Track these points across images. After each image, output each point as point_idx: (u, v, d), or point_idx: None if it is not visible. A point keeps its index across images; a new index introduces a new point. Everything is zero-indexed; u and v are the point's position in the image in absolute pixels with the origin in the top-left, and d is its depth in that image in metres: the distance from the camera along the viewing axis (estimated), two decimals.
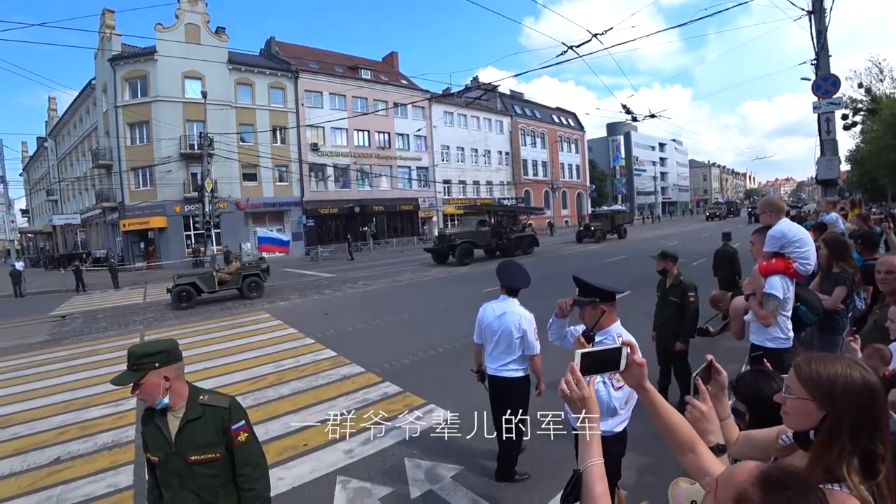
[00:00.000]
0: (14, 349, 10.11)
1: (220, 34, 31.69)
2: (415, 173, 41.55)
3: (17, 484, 4.23)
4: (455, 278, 16.82)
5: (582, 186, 60.71)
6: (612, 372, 1.42)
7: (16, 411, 6.14)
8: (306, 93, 34.94)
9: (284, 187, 34.18)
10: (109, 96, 30.49)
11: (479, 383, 3.98)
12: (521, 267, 3.78)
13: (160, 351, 1.88)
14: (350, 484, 3.78)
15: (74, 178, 40.46)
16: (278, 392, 5.97)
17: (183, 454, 1.87)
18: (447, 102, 41.66)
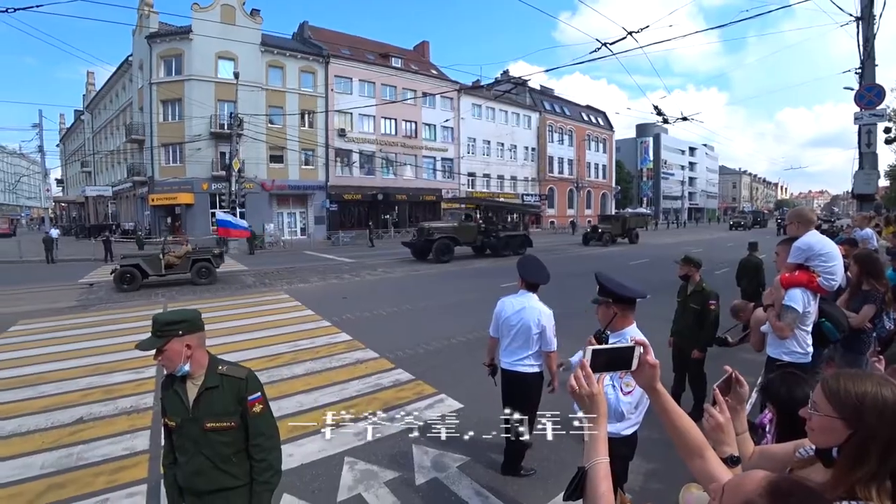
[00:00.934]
0: (44, 312, 10.50)
1: (255, 16, 31.98)
2: (439, 164, 41.53)
3: (41, 440, 4.43)
4: (473, 271, 16.79)
5: (607, 187, 59.97)
6: (623, 371, 1.41)
7: (44, 371, 6.42)
8: (336, 78, 35.12)
9: (310, 171, 34.55)
10: (145, 73, 31.19)
11: (489, 377, 3.99)
12: (541, 263, 3.76)
13: (184, 320, 1.93)
14: (357, 465, 3.85)
15: (108, 152, 41.63)
16: (293, 371, 6.07)
17: (199, 420, 1.94)
18: (476, 94, 41.49)
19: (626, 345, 1.31)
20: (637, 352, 1.29)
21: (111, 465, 3.98)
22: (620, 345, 1.35)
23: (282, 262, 20.16)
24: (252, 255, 23.47)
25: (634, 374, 1.33)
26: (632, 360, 1.29)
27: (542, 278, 3.67)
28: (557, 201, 52.26)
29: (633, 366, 1.30)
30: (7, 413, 5.04)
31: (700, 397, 4.69)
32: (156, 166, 30.84)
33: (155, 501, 3.44)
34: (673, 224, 59.96)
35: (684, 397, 4.78)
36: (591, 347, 1.27)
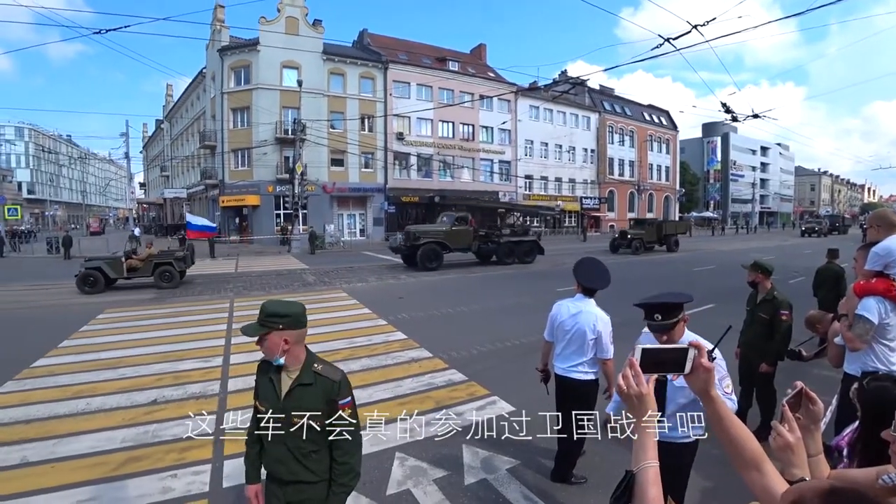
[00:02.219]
0: (126, 303, 11.50)
1: (317, 26, 33.27)
2: (496, 166, 41.40)
3: (121, 417, 4.86)
4: (529, 274, 16.61)
5: (670, 189, 57.44)
6: (674, 373, 1.33)
7: (124, 356, 6.98)
8: (394, 83, 35.87)
9: (369, 174, 35.48)
10: (217, 84, 33.20)
11: (540, 382, 3.91)
12: (601, 266, 3.61)
13: (287, 315, 1.96)
14: (407, 462, 3.89)
15: (184, 157, 44.72)
16: (349, 367, 6.18)
17: (287, 412, 1.99)
18: (533, 96, 41.09)
19: (680, 346, 1.25)
20: (691, 354, 1.22)
21: (180, 444, 4.24)
22: (672, 346, 1.31)
23: (341, 261, 20.75)
24: (313, 255, 24.30)
25: (688, 377, 1.26)
26: (685, 363, 1.23)
27: (599, 283, 3.52)
28: (617, 204, 50.70)
29: (687, 369, 1.23)
30: (93, 392, 5.55)
31: (768, 415, 4.38)
32: (226, 170, 32.83)
33: (217, 480, 3.64)
34: (742, 229, 56.38)
35: (751, 414, 4.50)
36: (640, 346, 1.22)
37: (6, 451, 4.17)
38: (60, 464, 3.94)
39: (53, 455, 4.08)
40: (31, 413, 4.99)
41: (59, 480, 3.66)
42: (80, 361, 6.79)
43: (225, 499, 3.45)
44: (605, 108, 49.77)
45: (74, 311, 10.44)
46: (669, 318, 2.34)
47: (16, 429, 4.64)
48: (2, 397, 5.48)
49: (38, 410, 5.05)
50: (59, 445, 4.26)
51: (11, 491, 3.52)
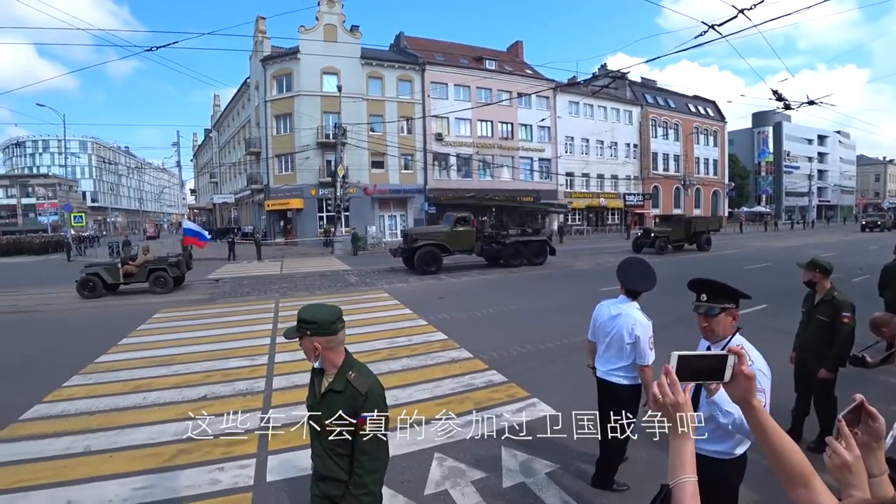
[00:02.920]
0: (179, 303, 12.14)
1: (354, 32, 33.89)
2: (537, 164, 40.97)
3: (174, 411, 5.10)
4: (572, 274, 16.34)
5: (719, 184, 55.14)
6: (713, 381, 1.26)
7: (177, 353, 7.36)
8: (432, 84, 36.09)
9: (409, 175, 35.89)
10: (260, 92, 34.44)
11: (590, 384, 3.82)
12: (644, 267, 3.47)
13: (313, 322, 2.00)
14: (446, 462, 3.90)
15: (231, 164, 46.52)
16: (389, 367, 6.28)
17: (322, 413, 2.05)
18: (573, 92, 40.39)
19: (718, 353, 1.18)
20: (731, 361, 1.15)
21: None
22: (711, 352, 1.21)
23: (382, 262, 20.93)
24: (355, 256, 24.73)
25: (728, 386, 1.19)
26: (724, 370, 1.16)
27: (642, 284, 3.39)
28: (662, 200, 49.11)
29: (726, 377, 1.16)
30: (149, 386, 5.88)
31: (826, 425, 4.10)
32: (270, 175, 33.92)
33: (261, 474, 3.77)
34: (798, 224, 53.35)
35: (808, 423, 4.25)
36: (676, 353, 1.16)
37: (72, 440, 4.50)
38: (119, 453, 4.20)
39: (114, 445, 4.36)
40: (94, 405, 5.34)
41: (119, 469, 3.89)
42: (137, 358, 7.19)
43: (268, 492, 3.56)
44: (647, 101, 48.36)
45: (133, 311, 11.08)
46: (715, 301, 2.23)
47: (81, 419, 4.98)
48: (69, 390, 5.90)
49: (101, 403, 5.41)
50: (118, 436, 4.55)
51: (77, 476, 3.79)
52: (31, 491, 3.62)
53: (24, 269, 22.60)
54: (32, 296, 14.39)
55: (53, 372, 6.52)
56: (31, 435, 4.68)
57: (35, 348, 8.17)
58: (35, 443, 4.50)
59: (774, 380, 2.05)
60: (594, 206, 44.50)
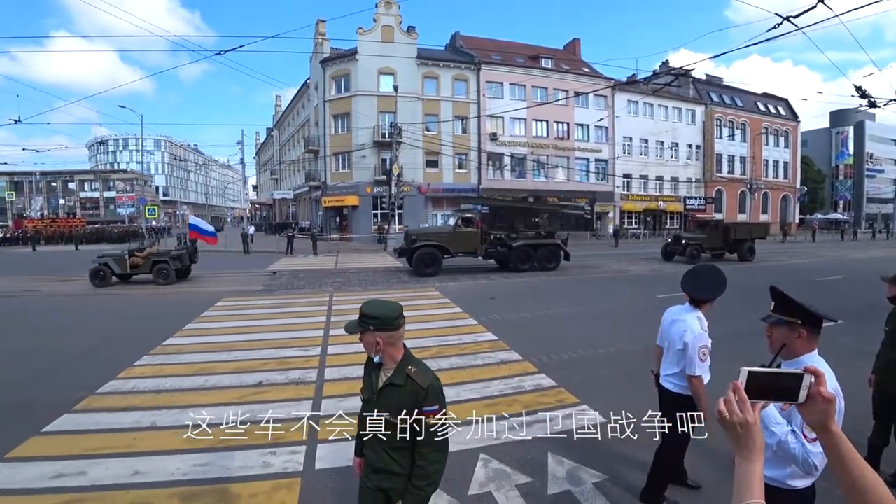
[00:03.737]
0: (239, 293, 12.77)
1: (411, 33, 34.42)
2: (593, 165, 40.08)
3: (233, 395, 5.40)
4: (627, 280, 15.81)
5: (789, 188, 51.66)
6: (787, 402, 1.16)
7: (236, 340, 7.74)
8: (487, 84, 36.03)
9: (463, 174, 36.08)
10: (320, 92, 35.62)
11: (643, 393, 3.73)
12: (711, 274, 3.29)
13: (376, 317, 2.05)
14: (491, 464, 3.86)
15: (290, 161, 48.43)
16: (438, 364, 6.27)
17: (379, 406, 2.11)
18: (632, 90, 39.16)
19: (793, 371, 1.09)
20: (807, 381, 1.06)
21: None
22: (785, 370, 1.12)
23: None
24: None
25: (802, 408, 1.09)
26: (798, 391, 1.06)
27: (700, 292, 3.23)
28: (726, 205, 46.68)
29: (801, 398, 1.07)
30: (209, 370, 6.21)
31: None
32: (328, 173, 35.06)
33: (311, 461, 3.89)
34: (881, 233, 48.75)
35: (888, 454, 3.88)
36: (746, 369, 1.07)
37: (141, 415, 4.85)
38: (184, 430, 4.43)
39: (178, 422, 4.61)
40: (160, 384, 5.72)
41: (181, 445, 4.12)
42: (200, 343, 7.63)
43: (316, 479, 3.67)
44: (711, 100, 46.09)
45: (197, 298, 11.75)
46: (781, 313, 2.10)
47: (149, 397, 5.35)
48: (139, 369, 6.36)
49: (167, 383, 5.78)
50: (182, 414, 4.80)
51: (144, 449, 4.08)
52: (106, 458, 3.93)
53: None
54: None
55: (127, 351, 7.03)
56: (106, 407, 5.09)
57: (112, 329, 8.86)
58: (109, 415, 4.89)
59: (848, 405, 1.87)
60: (652, 209, 42.90)
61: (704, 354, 3.14)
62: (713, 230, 22.16)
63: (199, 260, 16.53)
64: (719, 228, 22.41)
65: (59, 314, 10.71)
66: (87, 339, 8.02)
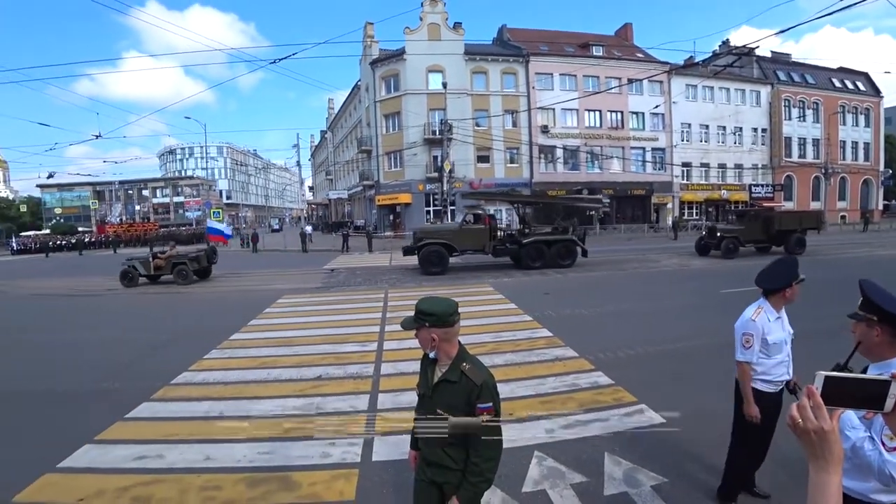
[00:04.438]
0: (299, 290, 13.28)
1: (457, 29, 34.46)
2: (649, 155, 38.60)
3: (293, 388, 5.62)
4: (688, 274, 15.06)
5: (871, 171, 47.34)
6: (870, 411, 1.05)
7: (297, 336, 8.07)
8: (537, 75, 35.47)
9: (514, 168, 35.81)
10: (370, 94, 36.35)
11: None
12: (778, 263, 3.16)
13: (432, 314, 2.08)
14: (546, 462, 3.80)
15: (344, 162, 49.72)
16: (493, 361, 6.23)
17: (434, 402, 2.13)
18: (689, 74, 37.38)
19: (878, 377, 0.99)
20: (894, 388, 0.97)
21: (339, 417, 4.74)
22: (867, 376, 1.03)
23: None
24: None
25: (889, 418, 1.01)
26: (884, 399, 0.97)
27: (766, 281, 3.10)
28: (797, 192, 43.57)
29: (887, 407, 0.97)
30: (272, 364, 6.51)
31: None
32: (381, 172, 35.73)
33: (368, 453, 3.98)
34: None
35: None
36: (823, 373, 0.98)
37: (210, 405, 5.17)
38: (249, 420, 4.71)
39: (244, 412, 4.91)
40: (228, 377, 6.07)
41: (247, 434, 4.36)
42: (263, 338, 8.01)
43: (373, 470, 3.75)
44: (778, 79, 43.01)
45: (258, 296, 12.29)
46: (865, 310, 1.94)
47: (217, 388, 5.69)
48: (209, 362, 6.78)
49: (233, 375, 6.12)
50: (248, 405, 5.12)
51: (214, 436, 4.34)
52: (180, 444, 4.23)
53: None
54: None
55: (197, 345, 7.51)
56: (180, 397, 5.48)
57: (185, 323, 9.56)
58: (183, 404, 5.26)
59: None
60: (714, 199, 40.66)
61: (748, 342, 3.04)
62: (752, 221, 19.62)
63: (217, 261, 17.41)
64: (760, 218, 19.74)
65: (135, 310, 11.67)
66: (161, 334, 8.66)
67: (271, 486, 3.58)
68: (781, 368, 3.09)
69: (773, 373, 3.08)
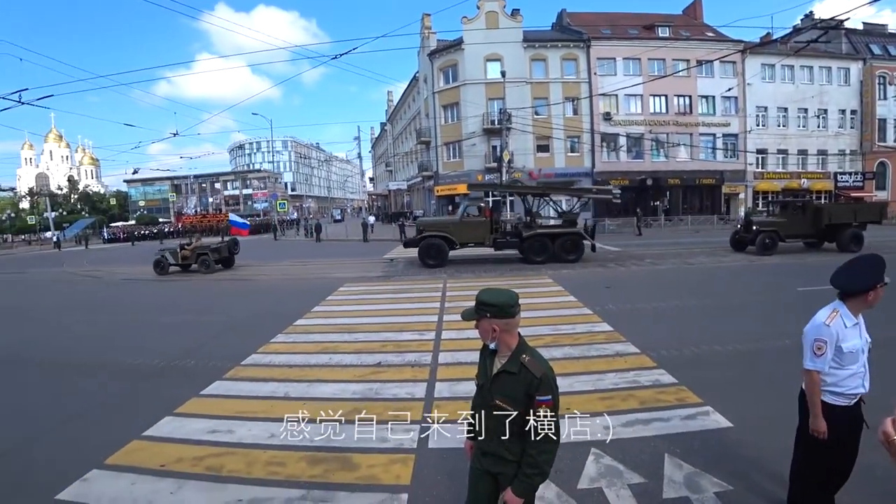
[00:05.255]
0: (360, 279, 13.77)
1: (515, 16, 33.85)
2: (720, 142, 36.33)
3: (353, 373, 5.84)
4: (763, 269, 13.99)
5: None
6: None
7: (358, 323, 8.39)
8: (598, 60, 34.25)
9: (575, 158, 34.90)
10: (429, 85, 36.60)
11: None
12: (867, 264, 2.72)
13: (493, 305, 2.08)
14: (603, 459, 3.71)
15: (403, 153, 50.47)
16: (551, 354, 6.06)
17: (492, 392, 2.15)
18: (766, 52, 34.67)
19: None
20: None
21: (397, 403, 4.88)
22: None
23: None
24: None
25: None
26: None
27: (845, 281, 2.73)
28: (892, 181, 39.38)
29: None
30: (335, 349, 6.80)
31: None
32: (439, 162, 36.02)
33: (424, 440, 4.04)
34: None
35: None
36: None
37: (276, 386, 5.50)
38: (311, 402, 4.94)
39: (306, 395, 5.17)
40: (292, 360, 6.40)
41: (310, 414, 4.52)
42: (325, 324, 8.37)
43: (429, 457, 3.81)
44: (872, 53, 38.82)
45: (322, 283, 12.81)
46: None
47: (282, 370, 6.03)
48: (275, 345, 7.18)
49: (297, 359, 6.45)
50: (310, 388, 5.38)
51: (278, 415, 4.51)
52: (248, 421, 4.52)
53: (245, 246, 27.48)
54: (253, 266, 18.12)
55: (265, 329, 7.98)
56: (249, 377, 5.87)
57: (254, 308, 10.23)
58: (251, 384, 5.63)
59: None
60: (793, 188, 37.38)
61: (820, 349, 2.69)
62: (795, 212, 17.20)
63: (239, 251, 18.97)
64: (804, 209, 17.21)
65: (207, 295, 12.70)
66: (232, 317, 9.38)
67: (331, 466, 3.73)
68: (855, 380, 2.73)
69: (845, 384, 2.73)
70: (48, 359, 7.21)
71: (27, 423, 4.89)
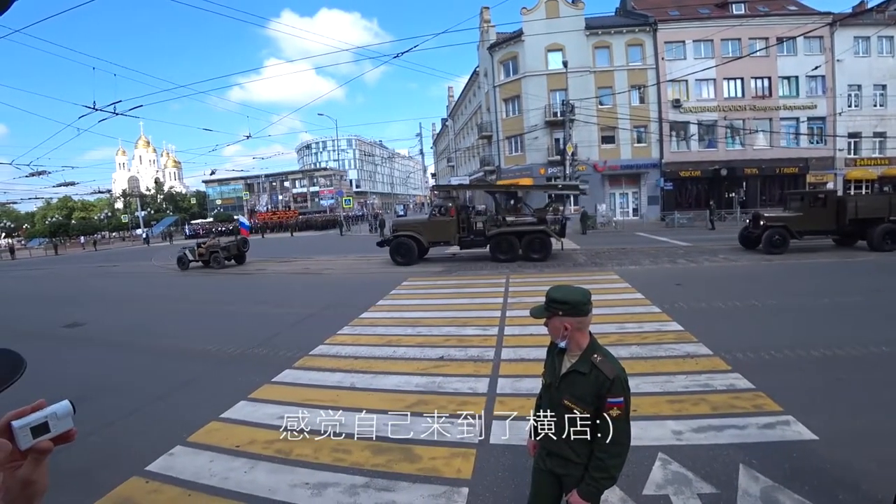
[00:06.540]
0: (423, 274, 14.00)
1: (577, 3, 32.65)
2: (804, 126, 33.26)
3: (416, 366, 5.94)
4: (855, 267, 12.62)
5: None
6: None
7: (421, 317, 8.56)
8: (666, 45, 32.41)
9: (642, 148, 33.34)
10: (489, 79, 36.23)
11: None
12: None
13: (566, 302, 2.03)
14: (671, 465, 3.55)
15: (465, 148, 50.57)
16: (617, 353, 5.78)
17: (560, 392, 2.12)
18: (860, 23, 31.26)
19: None
20: None
21: (459, 397, 4.92)
22: None
23: (613, 242, 20.05)
24: (584, 235, 24.27)
25: None
26: None
27: None
28: None
29: None
30: (398, 342, 6.97)
31: None
32: (501, 157, 35.76)
33: (487, 434, 4.04)
34: None
35: None
36: None
37: (342, 377, 5.73)
38: (375, 393, 5.11)
39: (371, 386, 5.34)
40: (357, 352, 6.63)
41: (374, 405, 4.70)
42: (390, 317, 8.59)
43: (490, 452, 3.81)
44: None
45: (386, 278, 13.19)
46: None
47: (349, 361, 6.27)
48: (341, 337, 7.48)
49: (362, 351, 6.67)
50: (375, 379, 5.55)
51: (344, 405, 4.74)
52: (316, 408, 4.66)
53: (313, 241, 28.79)
54: (320, 261, 19.02)
55: (332, 321, 8.35)
56: (317, 367, 6.17)
57: (323, 300, 10.66)
58: (318, 373, 5.92)
59: None
60: (891, 175, 33.59)
61: None
62: (812, 205, 14.96)
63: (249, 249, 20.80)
64: (825, 203, 14.88)
65: (280, 288, 13.32)
66: (302, 309, 9.85)
67: (394, 456, 3.83)
68: None
69: None
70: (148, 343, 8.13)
71: (130, 398, 5.53)
